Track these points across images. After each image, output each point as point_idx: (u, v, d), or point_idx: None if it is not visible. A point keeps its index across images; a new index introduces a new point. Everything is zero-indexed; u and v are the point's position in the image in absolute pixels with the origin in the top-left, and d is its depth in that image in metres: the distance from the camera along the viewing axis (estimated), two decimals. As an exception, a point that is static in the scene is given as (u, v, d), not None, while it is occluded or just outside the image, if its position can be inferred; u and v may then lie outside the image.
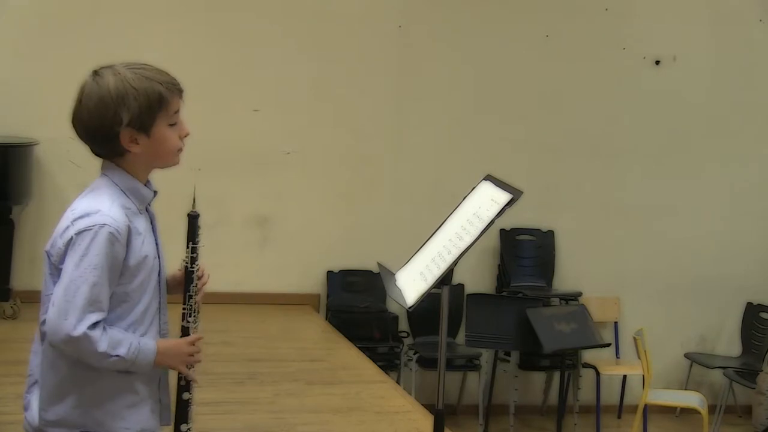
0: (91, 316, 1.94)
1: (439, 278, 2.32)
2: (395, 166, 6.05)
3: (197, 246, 2.15)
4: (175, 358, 2.12)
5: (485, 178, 2.47)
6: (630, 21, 6.31)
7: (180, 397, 2.18)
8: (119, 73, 1.99)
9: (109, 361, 1.98)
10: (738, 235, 6.51)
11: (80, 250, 1.95)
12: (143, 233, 2.05)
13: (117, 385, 2.06)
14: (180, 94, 2.06)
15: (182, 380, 2.17)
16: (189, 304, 2.16)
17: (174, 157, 2.09)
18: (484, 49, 6.10)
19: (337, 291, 5.89)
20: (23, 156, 5.22)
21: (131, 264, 2.01)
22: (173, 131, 2.05)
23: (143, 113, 1.97)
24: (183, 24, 5.63)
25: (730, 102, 6.47)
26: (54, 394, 2.04)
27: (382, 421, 3.92)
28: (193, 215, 2.15)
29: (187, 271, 2.16)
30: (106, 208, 1.97)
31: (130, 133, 1.99)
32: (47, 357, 2.04)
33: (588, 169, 6.30)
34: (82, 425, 2.03)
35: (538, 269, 6.18)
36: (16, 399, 3.85)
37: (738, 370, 6.06)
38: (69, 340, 1.94)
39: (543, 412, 6.31)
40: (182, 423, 2.18)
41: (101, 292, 1.96)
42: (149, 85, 1.98)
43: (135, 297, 2.04)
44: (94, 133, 2.01)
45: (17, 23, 5.47)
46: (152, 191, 2.11)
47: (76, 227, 1.96)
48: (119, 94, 1.96)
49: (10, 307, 5.19)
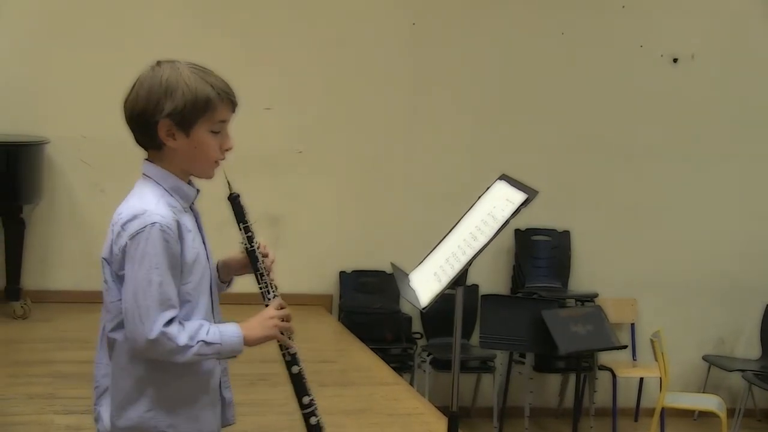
0: (164, 315, 1.93)
1: (454, 279, 2.30)
2: (409, 165, 6.01)
3: (249, 224, 2.15)
4: (264, 326, 2.08)
5: (500, 177, 2.45)
6: (647, 18, 6.25)
7: (291, 372, 2.15)
8: (177, 68, 2.01)
9: (194, 350, 1.96)
10: (757, 236, 6.44)
11: (138, 254, 1.93)
12: (192, 230, 2.05)
13: (190, 386, 2.05)
14: (231, 106, 2.06)
15: (285, 355, 2.14)
16: (264, 282, 2.15)
17: (209, 167, 2.07)
18: (499, 47, 6.06)
19: (350, 292, 5.87)
20: (34, 155, 5.20)
21: (188, 260, 2.01)
22: (215, 140, 2.04)
23: (187, 110, 1.98)
24: (194, 21, 5.61)
25: (750, 101, 6.41)
26: (126, 400, 2.02)
27: (395, 423, 3.88)
28: (234, 196, 2.14)
29: (249, 251, 2.15)
30: (152, 207, 1.97)
31: (168, 125, 1.99)
32: (118, 363, 2.03)
33: (604, 168, 6.24)
34: (154, 428, 2.02)
35: (553, 270, 6.13)
36: (27, 400, 3.86)
37: (757, 373, 5.99)
38: (150, 344, 1.93)
39: (558, 414, 6.27)
40: (303, 396, 2.17)
41: (168, 290, 1.95)
42: (201, 86, 1.99)
43: (195, 297, 2.03)
44: (136, 117, 2.01)
45: (29, 22, 5.46)
46: (195, 189, 2.10)
47: (128, 232, 1.95)
48: (170, 85, 1.97)
49: (20, 306, 5.17)
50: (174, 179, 2.04)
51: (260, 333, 2.07)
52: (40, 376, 4.20)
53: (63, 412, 3.69)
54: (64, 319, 5.19)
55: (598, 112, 6.23)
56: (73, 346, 4.60)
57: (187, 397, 2.04)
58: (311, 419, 2.18)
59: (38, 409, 3.76)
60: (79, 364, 4.19)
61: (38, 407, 3.78)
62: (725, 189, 6.42)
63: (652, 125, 6.29)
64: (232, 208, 2.14)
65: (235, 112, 2.08)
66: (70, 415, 3.64)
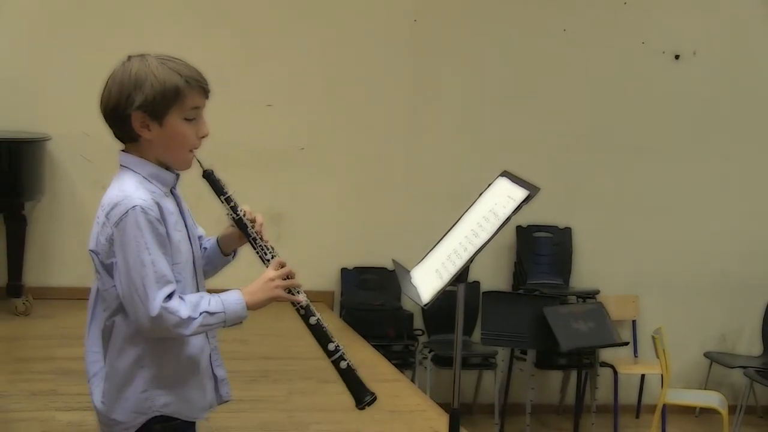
0: (162, 291, 1.95)
1: (455, 275, 2.29)
2: (410, 161, 6.00)
3: (230, 195, 2.14)
4: (267, 287, 2.09)
5: (502, 174, 2.44)
6: (649, 15, 6.23)
7: (309, 324, 2.15)
8: (146, 61, 2.03)
9: (198, 322, 1.98)
10: (758, 233, 6.42)
11: (126, 239, 1.95)
12: (174, 213, 2.07)
13: (181, 367, 2.07)
14: (203, 92, 2.06)
15: (299, 309, 2.15)
16: (259, 246, 2.15)
17: (184, 154, 2.08)
18: (501, 43, 6.05)
19: (352, 288, 5.86)
20: (35, 151, 5.20)
21: (174, 238, 2.02)
22: (189, 127, 2.05)
23: (156, 100, 2.00)
24: (195, 18, 5.60)
25: (752, 98, 6.39)
26: (122, 381, 2.04)
27: (397, 420, 3.87)
28: (209, 172, 2.13)
29: (236, 220, 2.15)
30: (131, 192, 1.99)
31: (141, 117, 2.01)
32: (114, 346, 2.05)
33: (606, 165, 6.23)
34: (149, 408, 2.04)
35: (555, 267, 6.12)
36: (29, 396, 3.86)
37: (759, 370, 5.97)
38: (153, 321, 1.94)
39: (560, 411, 6.26)
40: (327, 343, 2.15)
41: (161, 266, 1.96)
42: (169, 76, 2.01)
43: (183, 277, 2.04)
44: (110, 112, 2.05)
45: (30, 19, 5.45)
46: (174, 173, 2.11)
47: (112, 221, 1.97)
48: (138, 78, 2.00)
49: (22, 303, 5.17)
50: (151, 166, 2.06)
51: (262, 296, 2.09)
52: (41, 372, 4.20)
53: (65, 409, 3.69)
54: (66, 315, 5.18)
55: (600, 110, 6.22)
56: (75, 343, 4.55)
57: (179, 378, 2.07)
58: (341, 364, 2.16)
59: (40, 405, 3.76)
60: (80, 361, 4.16)
61: (40, 404, 3.78)
62: (727, 186, 6.40)
63: (654, 122, 6.28)
64: (209, 185, 2.13)
65: (208, 97, 2.08)
66: (71, 412, 3.64)
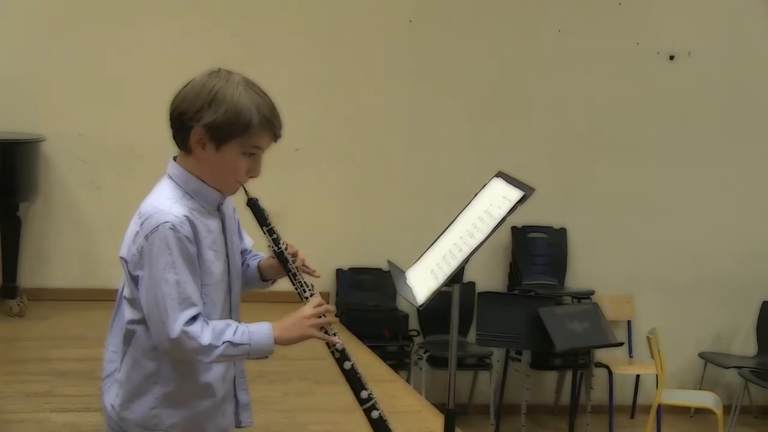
0: (185, 314, 1.90)
1: (450, 276, 2.28)
2: (406, 162, 6.00)
3: (273, 227, 2.11)
4: (302, 325, 2.03)
5: (497, 174, 2.43)
6: (643, 16, 6.24)
7: (343, 368, 2.09)
8: (233, 82, 1.98)
9: (219, 351, 1.92)
10: (753, 234, 6.44)
11: (152, 254, 1.91)
12: (214, 232, 2.02)
13: (197, 390, 2.02)
14: (272, 136, 2.04)
15: (334, 352, 2.08)
16: (298, 281, 2.11)
17: (230, 185, 2.05)
18: (496, 44, 6.05)
19: (347, 289, 5.86)
20: (30, 152, 5.19)
21: (207, 258, 1.98)
22: (243, 161, 2.01)
23: (224, 126, 1.94)
24: (195, 18, 5.58)
25: (747, 98, 6.40)
26: (134, 393, 2.02)
27: (392, 420, 3.83)
28: (253, 200, 2.10)
29: (277, 253, 2.13)
30: (167, 207, 1.94)
31: (201, 134, 1.96)
32: (133, 356, 2.02)
33: (601, 165, 6.24)
34: (156, 426, 2.01)
35: (550, 267, 6.13)
36: (24, 397, 3.86)
37: (754, 370, 5.99)
38: (172, 344, 1.90)
39: (555, 411, 6.27)
40: (360, 390, 2.09)
41: (187, 288, 1.91)
42: (246, 108, 1.96)
43: (213, 298, 2.00)
44: (176, 116, 1.99)
45: (26, 20, 5.44)
46: (219, 192, 2.06)
47: (144, 232, 1.93)
48: (217, 97, 1.95)
49: (17, 304, 5.16)
50: (196, 182, 2.01)
51: (294, 333, 2.03)
52: (36, 374, 4.18)
53: (60, 410, 3.67)
54: (61, 316, 5.18)
55: (595, 110, 6.22)
56: (70, 344, 4.59)
57: (193, 400, 2.03)
58: (372, 413, 2.10)
59: (35, 407, 3.75)
60: (75, 362, 4.19)
61: (35, 405, 3.76)
62: (721, 186, 6.41)
63: (649, 123, 6.29)
64: (252, 213, 2.11)
65: (276, 141, 2.05)
66: (66, 413, 3.62)
